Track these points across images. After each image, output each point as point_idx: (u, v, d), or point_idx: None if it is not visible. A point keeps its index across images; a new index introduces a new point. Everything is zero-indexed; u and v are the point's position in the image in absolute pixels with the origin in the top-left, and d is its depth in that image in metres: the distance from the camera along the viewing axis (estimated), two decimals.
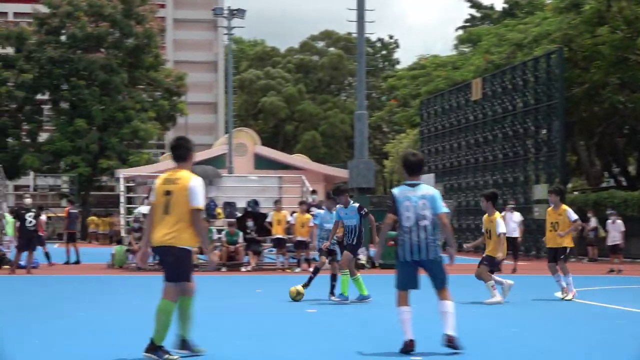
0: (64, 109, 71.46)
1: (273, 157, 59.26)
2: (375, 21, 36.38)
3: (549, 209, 18.96)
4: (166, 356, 9.70)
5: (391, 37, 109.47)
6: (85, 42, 69.27)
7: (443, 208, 10.65)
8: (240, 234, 28.70)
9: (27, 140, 72.86)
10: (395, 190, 10.69)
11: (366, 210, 17.61)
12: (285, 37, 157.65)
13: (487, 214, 17.51)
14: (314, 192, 33.12)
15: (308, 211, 28.95)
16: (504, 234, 17.37)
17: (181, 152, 10.38)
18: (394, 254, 10.78)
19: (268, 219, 28.98)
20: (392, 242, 31.05)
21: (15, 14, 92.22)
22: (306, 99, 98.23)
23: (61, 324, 13.57)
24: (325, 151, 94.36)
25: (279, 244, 28.79)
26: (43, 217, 32.82)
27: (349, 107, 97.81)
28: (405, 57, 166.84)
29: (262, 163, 57.88)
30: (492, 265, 17.42)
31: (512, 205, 30.14)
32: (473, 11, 76.30)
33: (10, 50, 72.66)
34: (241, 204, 30.91)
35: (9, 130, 71.25)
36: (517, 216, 29.05)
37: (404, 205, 10.52)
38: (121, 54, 71.13)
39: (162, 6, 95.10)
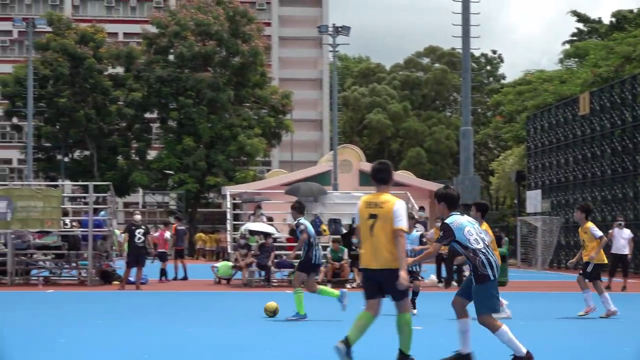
0: (172, 127, 72.58)
1: None
2: (480, 36, 35.95)
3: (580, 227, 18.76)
4: None
5: (495, 52, 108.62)
6: (193, 61, 70.28)
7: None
8: (345, 250, 28.74)
9: (136, 158, 74.21)
10: (450, 220, 10.60)
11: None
12: (390, 53, 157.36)
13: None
14: (421, 208, 33.01)
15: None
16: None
17: (384, 175, 10.65)
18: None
19: None
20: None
21: (125, 34, 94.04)
22: (411, 115, 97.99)
23: (169, 340, 13.74)
24: (431, 167, 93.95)
25: None
26: (167, 234, 33.34)
27: (454, 123, 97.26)
28: (510, 72, 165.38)
29: (367, 179, 57.71)
30: None
31: (621, 222, 29.40)
32: (580, 25, 75.22)
33: (120, 70, 74.20)
34: (346, 220, 30.91)
35: (119, 148, 72.69)
36: (626, 233, 28.37)
37: (467, 231, 10.53)
38: (227, 72, 71.96)
39: (268, 24, 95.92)
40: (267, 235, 28.98)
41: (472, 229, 10.55)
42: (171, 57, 72.48)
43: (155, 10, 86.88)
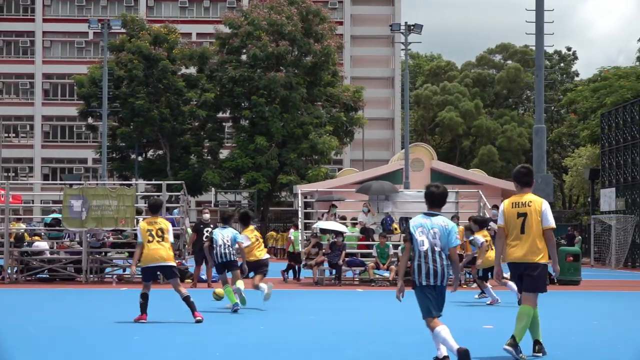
0: (244, 126, 72.91)
1: (449, 172, 58.92)
2: (554, 33, 35.61)
3: None
4: (520, 355, 11.18)
5: (569, 49, 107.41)
6: (266, 61, 70.50)
7: (456, 242, 10.73)
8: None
9: (209, 158, 74.74)
10: (412, 220, 10.85)
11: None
12: (461, 51, 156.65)
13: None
14: (495, 207, 32.76)
15: (487, 227, 28.85)
16: (248, 245, 19.42)
17: (528, 178, 11.78)
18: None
19: None
20: (571, 258, 30.55)
21: (198, 35, 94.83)
22: (483, 113, 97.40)
23: (241, 338, 13.85)
24: (502, 165, 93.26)
25: None
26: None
27: (526, 121, 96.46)
28: (585, 71, 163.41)
29: (438, 178, 57.52)
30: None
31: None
32: None
33: (193, 70, 74.82)
34: None
35: (192, 148, 73.25)
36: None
37: (419, 231, 10.64)
38: (299, 72, 72.05)
39: (340, 23, 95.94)
40: (338, 233, 29.01)
41: (425, 230, 10.57)
42: (244, 57, 72.78)
43: (228, 10, 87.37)
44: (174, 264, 16.36)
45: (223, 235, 18.96)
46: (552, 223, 11.45)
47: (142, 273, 16.31)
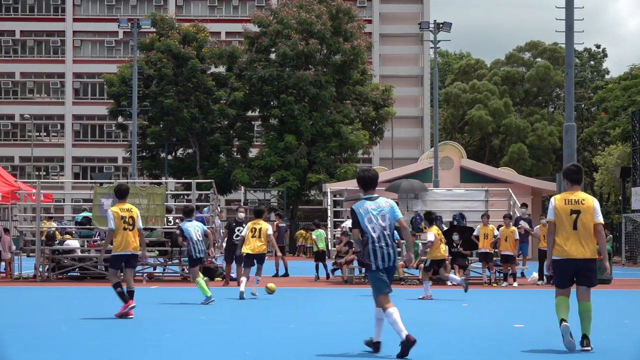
0: (274, 125, 73.02)
1: (479, 171, 58.62)
2: (584, 31, 35.39)
3: None
4: (589, 347, 11.88)
5: (598, 47, 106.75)
6: (295, 60, 70.51)
7: (400, 214, 11.56)
8: (446, 247, 28.60)
9: (238, 156, 74.92)
10: (357, 205, 11.44)
11: None
12: (491, 49, 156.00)
13: None
14: (524, 205, 32.67)
15: (516, 224, 28.86)
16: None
17: (579, 176, 12.19)
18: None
19: (475, 233, 28.72)
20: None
21: (227, 34, 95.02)
22: (512, 111, 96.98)
23: (272, 336, 13.87)
24: (532, 163, 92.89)
25: (485, 258, 28.50)
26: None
27: (556, 119, 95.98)
28: (615, 68, 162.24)
29: (468, 176, 57.38)
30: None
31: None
32: None
33: (222, 69, 74.97)
34: (447, 217, 30.77)
35: (221, 146, 73.44)
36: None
37: (367, 218, 11.34)
38: (328, 70, 72.03)
39: (369, 22, 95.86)
40: None
41: (372, 217, 11.32)
42: (273, 56, 72.86)
43: (257, 9, 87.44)
44: (139, 253, 16.85)
45: (194, 230, 20.39)
46: (602, 219, 11.94)
47: (113, 260, 16.49)
